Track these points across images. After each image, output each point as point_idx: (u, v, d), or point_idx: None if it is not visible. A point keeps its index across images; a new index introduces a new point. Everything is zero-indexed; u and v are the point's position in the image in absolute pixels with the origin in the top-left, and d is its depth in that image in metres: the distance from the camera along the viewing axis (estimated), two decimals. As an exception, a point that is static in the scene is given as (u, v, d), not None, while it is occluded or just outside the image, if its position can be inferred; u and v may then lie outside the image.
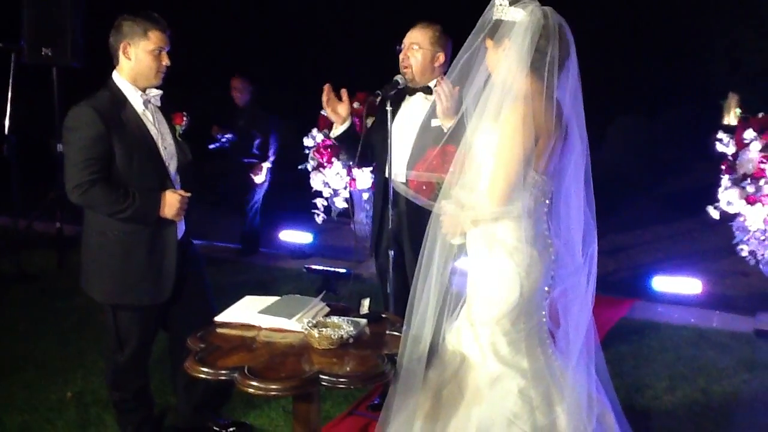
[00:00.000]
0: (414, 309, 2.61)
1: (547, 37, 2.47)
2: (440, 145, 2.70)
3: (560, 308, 2.62)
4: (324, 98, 3.46)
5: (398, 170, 3.47)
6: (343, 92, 3.50)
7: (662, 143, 11.51)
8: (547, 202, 2.58)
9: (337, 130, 3.57)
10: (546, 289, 2.60)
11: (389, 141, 3.41)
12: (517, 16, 2.48)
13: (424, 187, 2.67)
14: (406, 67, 3.49)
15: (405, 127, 3.50)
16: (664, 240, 7.34)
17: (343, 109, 3.51)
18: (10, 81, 5.91)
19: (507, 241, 2.54)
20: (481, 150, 2.54)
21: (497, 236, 2.55)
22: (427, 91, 3.51)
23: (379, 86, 3.45)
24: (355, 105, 6.24)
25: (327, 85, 3.45)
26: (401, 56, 3.52)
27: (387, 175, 3.48)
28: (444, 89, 3.01)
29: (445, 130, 2.97)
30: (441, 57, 3.51)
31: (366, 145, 3.60)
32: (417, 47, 3.48)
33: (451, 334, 2.67)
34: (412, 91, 3.54)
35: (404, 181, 3.30)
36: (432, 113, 3.18)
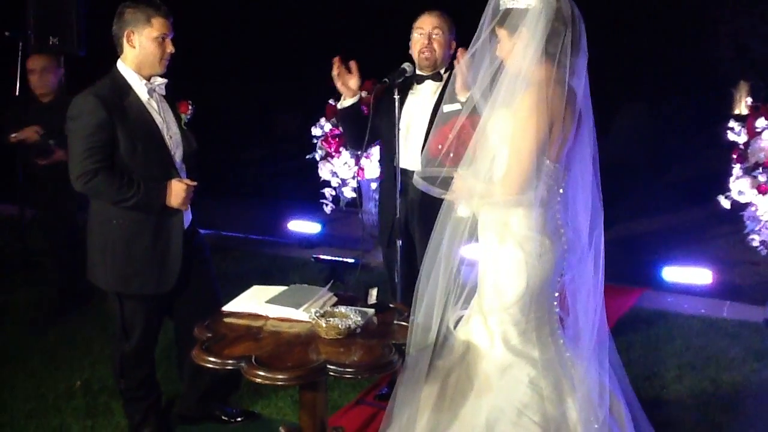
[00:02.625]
0: (421, 298, 2.59)
1: (563, 21, 2.43)
2: (455, 122, 2.64)
3: (569, 295, 2.60)
4: (334, 71, 3.44)
5: (409, 159, 3.44)
6: (353, 64, 3.48)
7: (669, 131, 11.44)
8: (560, 190, 2.55)
9: (345, 102, 3.54)
10: (558, 279, 2.58)
11: (397, 130, 3.38)
12: (530, 2, 2.44)
13: (451, 155, 2.62)
14: (429, 52, 3.46)
15: (416, 116, 3.48)
16: (674, 229, 7.28)
17: (353, 82, 3.49)
18: (18, 70, 5.89)
19: (518, 231, 2.52)
20: (494, 138, 2.51)
21: (509, 225, 2.53)
22: (437, 77, 3.49)
23: (387, 74, 3.42)
24: (364, 94, 6.21)
25: (337, 57, 3.43)
26: (423, 41, 3.47)
27: (396, 164, 3.45)
28: (464, 62, 2.97)
29: (464, 100, 2.92)
30: (453, 44, 3.52)
31: (372, 130, 3.56)
32: (440, 32, 3.47)
33: (461, 323, 2.65)
34: (421, 79, 3.51)
35: (418, 174, 3.25)
36: (446, 98, 3.14)
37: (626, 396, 2.68)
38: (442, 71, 3.51)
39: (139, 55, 3.07)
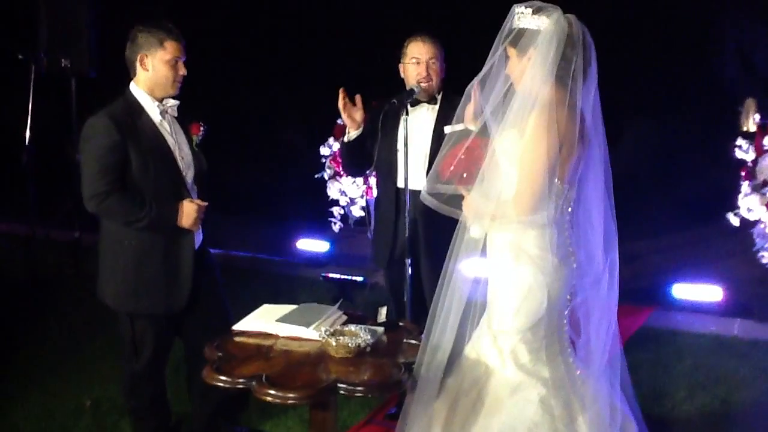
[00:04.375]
0: (435, 318, 2.60)
1: (573, 45, 2.46)
2: (466, 143, 2.65)
3: (581, 317, 2.60)
4: (340, 103, 3.49)
5: (412, 180, 3.46)
6: (357, 98, 3.53)
7: (677, 147, 11.42)
8: (569, 210, 2.56)
9: (351, 134, 3.60)
10: (567, 297, 2.58)
11: (404, 150, 3.40)
12: (542, 24, 2.47)
13: (464, 175, 2.63)
14: (428, 82, 3.52)
15: (415, 137, 3.51)
16: (683, 247, 7.25)
17: (358, 114, 3.54)
18: (30, 92, 5.96)
19: (531, 251, 2.53)
20: (503, 159, 2.53)
21: (522, 246, 2.54)
22: (433, 101, 3.57)
23: (394, 94, 3.46)
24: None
25: (341, 89, 3.49)
26: (421, 72, 3.53)
27: (401, 185, 3.47)
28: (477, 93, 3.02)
29: (474, 128, 2.97)
30: (443, 69, 3.60)
31: (375, 151, 3.60)
32: (436, 61, 3.55)
33: (470, 342, 2.66)
34: (415, 102, 3.56)
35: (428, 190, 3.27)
36: (454, 119, 3.16)
37: (635, 416, 2.68)
38: (437, 95, 3.59)
39: (152, 78, 3.11)
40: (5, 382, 4.23)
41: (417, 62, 3.55)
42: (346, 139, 3.65)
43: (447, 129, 3.13)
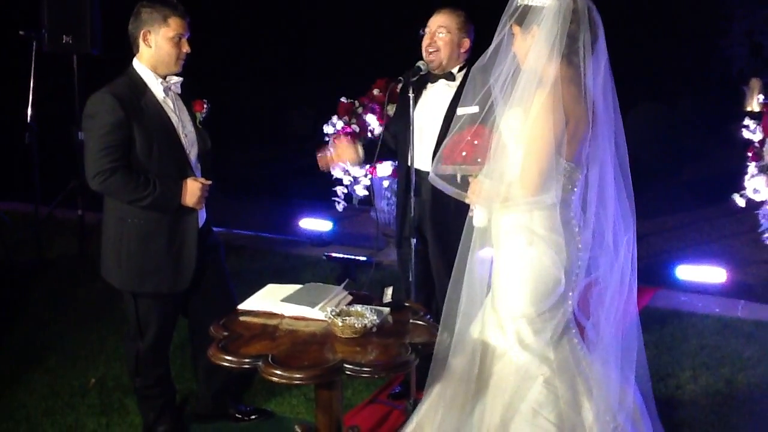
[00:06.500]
0: (459, 306, 2.59)
1: (578, 22, 2.42)
2: (474, 127, 2.62)
3: (591, 298, 2.58)
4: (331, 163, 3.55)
5: (422, 159, 3.43)
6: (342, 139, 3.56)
7: (683, 129, 11.39)
8: (575, 190, 2.54)
9: (360, 161, 3.56)
10: (573, 279, 2.57)
11: (411, 128, 3.37)
12: (546, 1, 2.43)
13: (469, 159, 2.60)
14: (432, 52, 3.39)
15: (428, 115, 3.46)
16: (688, 228, 7.24)
17: (350, 153, 3.51)
18: (32, 69, 5.93)
19: (539, 231, 2.51)
20: (509, 138, 2.50)
21: (532, 227, 2.52)
22: (450, 77, 3.45)
23: (400, 72, 3.41)
24: (376, 92, 6.21)
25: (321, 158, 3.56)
26: (426, 41, 3.42)
27: (409, 163, 3.45)
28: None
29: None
30: (466, 43, 3.44)
31: (386, 138, 3.59)
32: (445, 31, 3.39)
33: (476, 322, 2.65)
34: (434, 78, 3.48)
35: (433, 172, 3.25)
36: (459, 102, 3.13)
37: (645, 397, 2.68)
38: (455, 71, 3.46)
39: (155, 55, 3.08)
40: (10, 361, 4.25)
41: (427, 32, 3.43)
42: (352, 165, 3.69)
43: (459, 111, 3.10)
